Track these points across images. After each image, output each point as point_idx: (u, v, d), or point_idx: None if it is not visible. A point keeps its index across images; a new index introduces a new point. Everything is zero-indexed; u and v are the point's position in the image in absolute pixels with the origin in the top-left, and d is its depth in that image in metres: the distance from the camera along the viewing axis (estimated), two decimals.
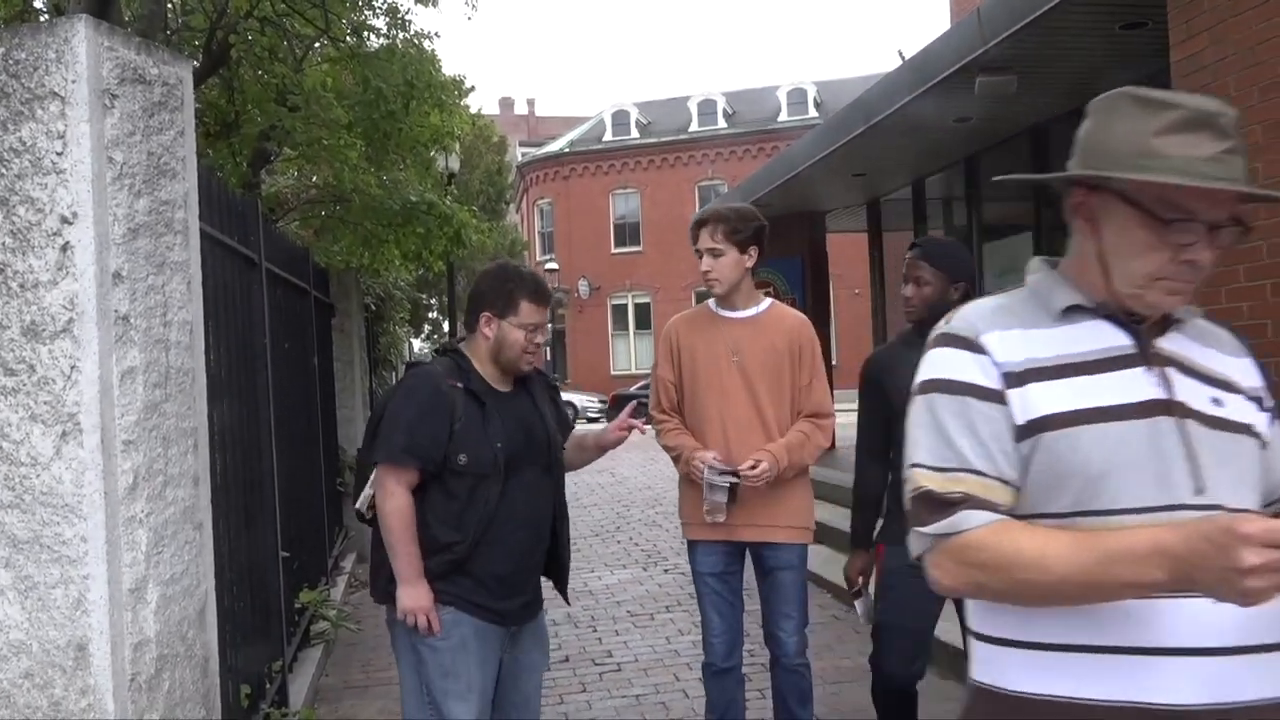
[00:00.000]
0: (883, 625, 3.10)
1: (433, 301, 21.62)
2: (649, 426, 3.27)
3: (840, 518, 7.41)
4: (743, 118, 36.80)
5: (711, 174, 35.63)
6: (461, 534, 2.65)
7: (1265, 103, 3.90)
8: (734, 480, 3.13)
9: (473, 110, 15.03)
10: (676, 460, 3.31)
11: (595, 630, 5.72)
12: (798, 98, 36.43)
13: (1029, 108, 7.10)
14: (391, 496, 2.63)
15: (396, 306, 13.24)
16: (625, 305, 36.64)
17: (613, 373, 34.32)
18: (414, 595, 2.64)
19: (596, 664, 5.14)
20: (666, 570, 7.18)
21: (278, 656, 4.27)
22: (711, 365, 3.28)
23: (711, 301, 3.39)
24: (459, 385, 2.69)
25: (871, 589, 3.25)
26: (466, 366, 2.75)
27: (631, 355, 36.06)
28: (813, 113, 34.76)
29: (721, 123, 36.75)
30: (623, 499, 10.49)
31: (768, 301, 3.39)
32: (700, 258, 3.27)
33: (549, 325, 2.86)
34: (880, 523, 3.20)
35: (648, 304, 36.29)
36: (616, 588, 6.72)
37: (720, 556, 3.29)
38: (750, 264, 3.27)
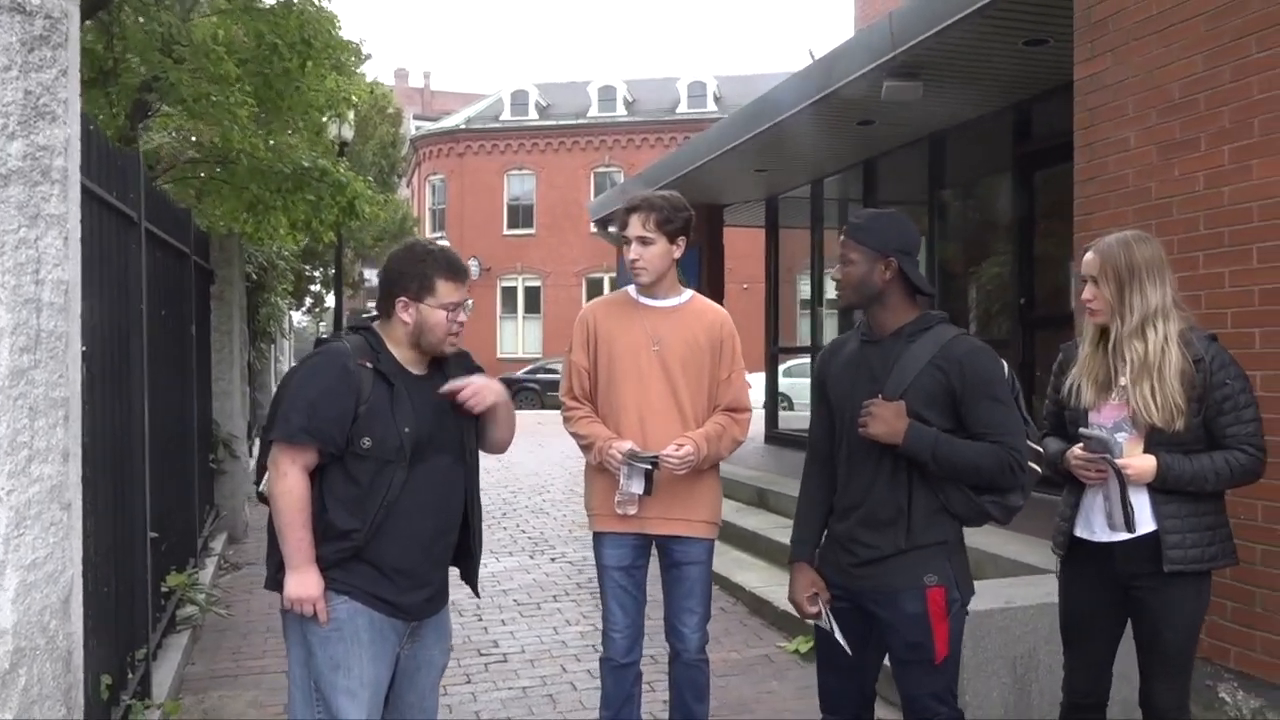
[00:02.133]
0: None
1: (316, 274, 20.84)
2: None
3: (730, 510, 7.46)
4: (642, 106, 36.77)
5: (609, 160, 35.50)
6: (361, 521, 2.50)
7: (1162, 124, 4.05)
8: (653, 464, 3.05)
9: (368, 79, 14.53)
10: (587, 449, 3.21)
11: (480, 619, 5.58)
12: (698, 90, 36.60)
13: (931, 115, 7.26)
14: (284, 477, 2.47)
15: (279, 277, 12.73)
16: (515, 288, 36.22)
17: (499, 355, 33.87)
18: (302, 583, 2.48)
19: (482, 654, 5.02)
20: (554, 559, 7.08)
21: (142, 644, 4.01)
22: (630, 353, 3.20)
23: (631, 288, 3.31)
24: (368, 365, 2.54)
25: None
26: (378, 346, 2.60)
27: (519, 339, 35.70)
28: (712, 106, 34.98)
29: (621, 110, 36.64)
30: (509, 485, 10.34)
31: (689, 293, 3.33)
32: (626, 245, 3.18)
33: (470, 301, 2.72)
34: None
35: (538, 288, 35.97)
36: (503, 575, 6.59)
37: (628, 550, 3.21)
38: (678, 255, 3.21)
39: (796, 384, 12.31)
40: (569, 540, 7.67)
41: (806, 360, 11.00)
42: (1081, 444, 2.71)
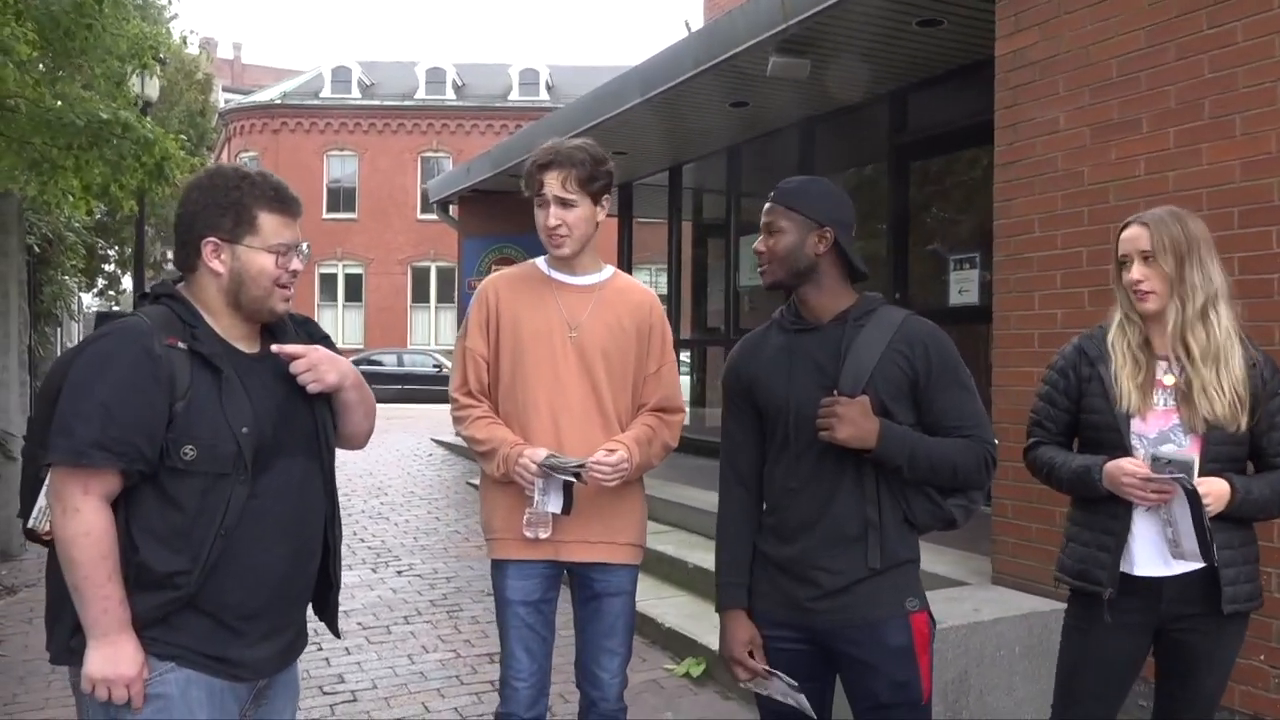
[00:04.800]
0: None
1: (111, 252, 18.79)
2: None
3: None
4: (472, 91, 35.64)
5: (437, 145, 34.23)
6: (189, 559, 1.83)
7: (1095, 104, 3.79)
8: (577, 475, 2.47)
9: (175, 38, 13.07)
10: (487, 457, 2.59)
11: (321, 649, 4.78)
12: (530, 78, 35.84)
13: (810, 98, 6.95)
14: (75, 514, 1.75)
15: (68, 252, 11.21)
16: (335, 275, 34.39)
17: None
18: (112, 659, 1.78)
19: (325, 693, 4.27)
20: (400, 571, 6.32)
21: None
22: (542, 341, 2.60)
23: (541, 261, 2.71)
24: (182, 346, 1.85)
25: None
26: (191, 318, 1.90)
27: (339, 329, 33.88)
28: (544, 95, 34.34)
29: (450, 94, 35.38)
30: (341, 487, 9.28)
31: (610, 268, 2.75)
32: (543, 208, 2.58)
33: (304, 248, 2.01)
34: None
35: (360, 275, 34.33)
36: (342, 594, 5.77)
37: (538, 581, 2.62)
38: (601, 218, 2.64)
39: None
40: (415, 550, 6.92)
41: None
42: (1150, 462, 2.22)
